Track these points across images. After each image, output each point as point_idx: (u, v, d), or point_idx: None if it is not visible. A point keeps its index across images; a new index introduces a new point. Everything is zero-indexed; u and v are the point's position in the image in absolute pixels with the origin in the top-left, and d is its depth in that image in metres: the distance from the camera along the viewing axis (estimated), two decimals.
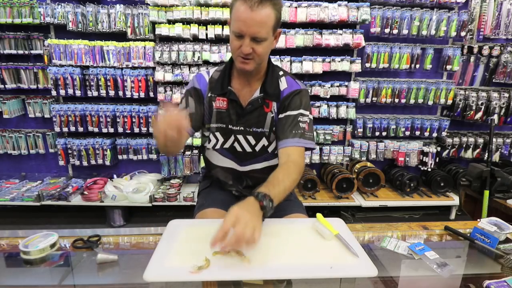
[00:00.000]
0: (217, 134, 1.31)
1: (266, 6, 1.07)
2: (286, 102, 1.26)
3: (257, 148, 1.30)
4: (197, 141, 2.98)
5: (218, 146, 1.33)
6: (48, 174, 3.30)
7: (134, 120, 3.02)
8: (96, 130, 3.04)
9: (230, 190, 1.40)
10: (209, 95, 1.29)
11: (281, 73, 1.30)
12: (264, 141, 1.30)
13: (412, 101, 3.07)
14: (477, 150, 3.19)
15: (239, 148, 1.31)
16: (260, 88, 1.26)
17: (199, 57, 2.89)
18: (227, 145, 1.31)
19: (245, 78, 1.26)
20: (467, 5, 3.04)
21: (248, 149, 1.30)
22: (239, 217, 0.85)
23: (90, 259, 0.95)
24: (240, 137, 1.29)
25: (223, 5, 2.79)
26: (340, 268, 0.85)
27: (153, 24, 2.87)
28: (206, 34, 2.84)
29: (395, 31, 2.93)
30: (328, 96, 3.01)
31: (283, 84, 1.28)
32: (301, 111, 1.25)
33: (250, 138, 1.29)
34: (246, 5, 1.05)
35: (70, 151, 3.09)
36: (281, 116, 1.26)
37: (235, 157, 1.33)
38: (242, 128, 1.28)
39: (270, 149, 1.32)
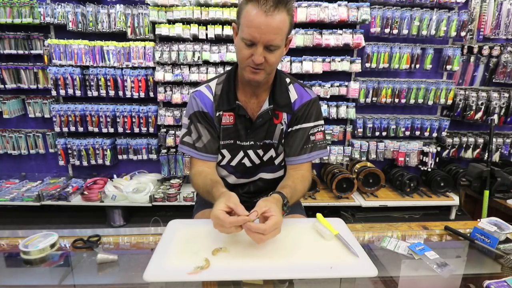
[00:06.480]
0: (224, 151, 1.25)
1: (281, 11, 0.98)
2: (298, 115, 1.21)
3: (265, 158, 1.26)
4: None
5: (224, 163, 1.27)
6: (48, 174, 3.30)
7: (134, 120, 3.02)
8: (96, 130, 3.04)
9: None
10: (217, 114, 1.20)
11: (288, 80, 1.24)
12: (272, 152, 1.26)
13: (412, 101, 3.07)
14: (477, 150, 3.19)
15: (248, 163, 1.26)
16: (268, 99, 1.19)
17: (199, 57, 2.88)
18: (234, 162, 1.26)
19: (251, 89, 1.18)
20: (467, 5, 3.04)
21: (257, 161, 1.26)
22: (278, 223, 0.90)
23: (90, 259, 0.95)
24: (250, 152, 1.24)
25: (223, 5, 2.79)
26: (340, 268, 0.85)
27: (153, 24, 2.87)
28: (206, 34, 2.84)
29: (395, 31, 2.93)
30: (328, 96, 3.01)
31: (293, 93, 1.22)
32: (315, 123, 1.22)
33: (260, 151, 1.24)
34: (259, 9, 0.96)
35: (70, 151, 3.08)
36: (292, 129, 1.22)
37: (242, 173, 1.29)
38: (253, 143, 1.22)
39: (276, 162, 1.28)
